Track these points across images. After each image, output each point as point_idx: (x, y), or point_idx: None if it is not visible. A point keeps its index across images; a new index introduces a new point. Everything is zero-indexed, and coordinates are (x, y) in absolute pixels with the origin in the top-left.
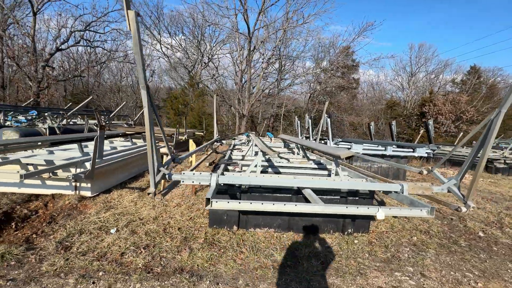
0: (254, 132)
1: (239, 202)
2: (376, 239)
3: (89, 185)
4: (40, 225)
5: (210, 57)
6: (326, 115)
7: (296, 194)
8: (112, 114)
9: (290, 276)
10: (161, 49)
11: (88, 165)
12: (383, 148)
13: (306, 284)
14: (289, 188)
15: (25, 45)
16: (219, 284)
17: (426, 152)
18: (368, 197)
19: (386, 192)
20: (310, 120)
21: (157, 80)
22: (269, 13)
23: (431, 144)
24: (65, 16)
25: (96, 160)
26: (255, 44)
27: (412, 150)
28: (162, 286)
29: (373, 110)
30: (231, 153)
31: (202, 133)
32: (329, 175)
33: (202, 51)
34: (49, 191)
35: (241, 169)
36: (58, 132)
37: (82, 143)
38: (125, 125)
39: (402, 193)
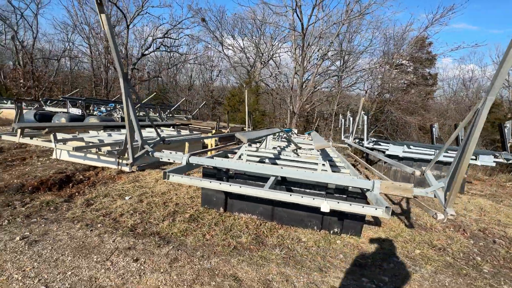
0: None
1: (190, 179)
2: (366, 244)
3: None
4: (84, 187)
5: (270, 55)
6: (362, 112)
7: (279, 184)
8: (173, 108)
9: (244, 257)
10: (223, 50)
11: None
12: (432, 152)
13: (255, 266)
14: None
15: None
16: (179, 251)
17: (494, 161)
18: (359, 197)
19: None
20: (351, 119)
21: (223, 80)
22: (326, 6)
23: (505, 152)
24: (148, 26)
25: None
26: (309, 40)
27: (474, 157)
28: (135, 243)
29: (461, 111)
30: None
31: (249, 129)
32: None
33: (262, 50)
34: (100, 164)
35: (239, 157)
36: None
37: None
38: (184, 118)
39: (372, 190)
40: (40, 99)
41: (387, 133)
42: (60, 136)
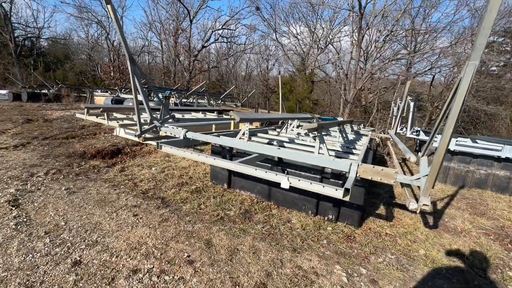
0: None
1: (177, 149)
2: (361, 236)
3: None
4: (126, 158)
5: (328, 41)
6: (409, 98)
7: (277, 165)
8: (222, 96)
9: (225, 227)
10: (277, 38)
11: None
12: (499, 148)
13: (230, 236)
14: (270, 158)
15: (184, 46)
16: (173, 214)
17: None
18: (359, 184)
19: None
20: (400, 106)
21: (281, 69)
22: None
23: None
24: (208, 19)
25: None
26: (369, 20)
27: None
28: (141, 203)
29: None
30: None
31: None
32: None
33: (318, 35)
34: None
35: (249, 138)
36: (178, 105)
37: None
38: (234, 106)
39: (348, 173)
40: (117, 88)
41: (461, 127)
42: (118, 115)
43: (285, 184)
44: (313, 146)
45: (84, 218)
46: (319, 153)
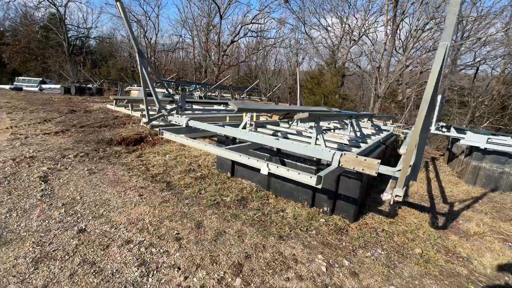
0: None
1: (175, 136)
2: (354, 230)
3: None
4: (146, 145)
5: (362, 32)
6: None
7: (276, 155)
8: (246, 90)
9: (218, 211)
10: (305, 31)
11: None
12: None
13: (221, 220)
14: (270, 149)
15: (214, 41)
16: (174, 196)
17: None
18: (353, 177)
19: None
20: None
21: (312, 63)
22: None
23: None
24: (238, 14)
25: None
26: (405, 7)
27: None
28: (148, 185)
29: None
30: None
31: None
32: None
33: (351, 27)
34: None
35: (256, 129)
36: (203, 99)
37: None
38: (258, 100)
39: (331, 162)
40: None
41: (502, 124)
42: (143, 106)
43: (264, 170)
44: (318, 139)
45: (96, 194)
46: (316, 144)
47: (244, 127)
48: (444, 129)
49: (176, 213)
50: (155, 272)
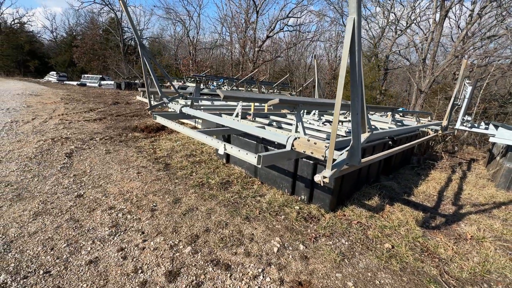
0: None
1: (167, 120)
2: (327, 220)
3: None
4: (164, 133)
5: (409, 21)
6: (466, 81)
7: (261, 142)
8: (275, 84)
9: (200, 190)
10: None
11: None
12: None
13: (199, 198)
14: (255, 136)
15: (250, 37)
16: (167, 176)
17: None
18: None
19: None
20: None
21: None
22: None
23: None
24: (274, 9)
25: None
26: None
27: None
28: (149, 165)
29: None
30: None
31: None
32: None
33: (397, 16)
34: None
35: (254, 119)
36: None
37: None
38: (288, 95)
39: (285, 147)
40: (184, 77)
41: None
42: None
43: (221, 151)
44: (298, 126)
45: (103, 170)
46: (296, 131)
47: (237, 116)
48: (469, 124)
49: (162, 189)
50: (121, 233)
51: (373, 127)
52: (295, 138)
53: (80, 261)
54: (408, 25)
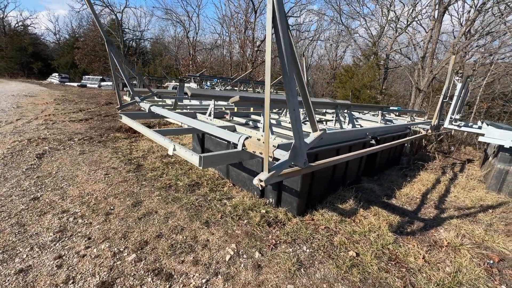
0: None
1: (131, 120)
2: (292, 224)
3: None
4: None
5: (409, 20)
6: (456, 77)
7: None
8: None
9: (165, 193)
10: (342, 21)
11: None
12: None
13: (162, 200)
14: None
15: (248, 37)
16: (136, 177)
17: None
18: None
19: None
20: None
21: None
22: None
23: None
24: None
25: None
26: None
27: None
28: (121, 166)
29: None
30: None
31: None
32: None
33: (397, 14)
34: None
35: (231, 118)
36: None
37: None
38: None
39: (236, 146)
40: (180, 77)
41: None
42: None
43: (170, 151)
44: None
45: (71, 171)
46: (264, 130)
47: (210, 114)
48: (458, 123)
49: (125, 192)
50: (66, 239)
51: (358, 126)
52: (246, 138)
53: (10, 270)
54: (408, 23)
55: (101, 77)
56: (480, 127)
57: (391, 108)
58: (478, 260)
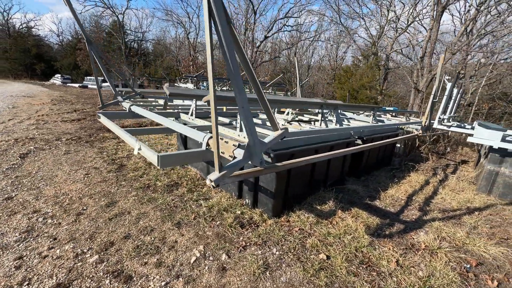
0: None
1: (109, 121)
2: (266, 225)
3: None
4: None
5: (410, 19)
6: (446, 76)
7: None
8: (268, 85)
9: (141, 193)
10: (341, 22)
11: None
12: None
13: (137, 201)
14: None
15: (248, 38)
16: (116, 177)
17: None
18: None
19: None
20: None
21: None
22: None
23: None
24: (272, 9)
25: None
26: None
27: None
28: (103, 166)
29: None
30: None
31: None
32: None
33: (397, 14)
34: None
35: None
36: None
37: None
38: (282, 95)
39: (201, 146)
40: (176, 77)
41: None
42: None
43: (135, 151)
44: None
45: (51, 170)
46: (240, 130)
47: (192, 114)
48: (450, 123)
49: (102, 192)
50: (31, 239)
51: (348, 125)
52: (211, 137)
53: None
54: (409, 23)
55: (102, 78)
56: (473, 128)
57: (387, 108)
58: (455, 264)
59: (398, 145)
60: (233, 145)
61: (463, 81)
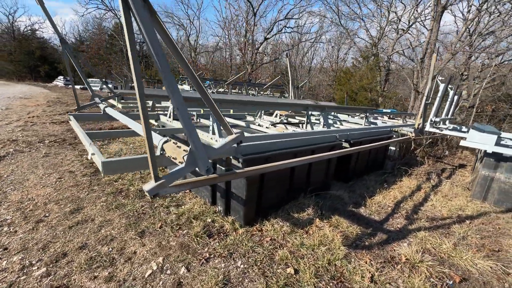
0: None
1: (76, 126)
2: (237, 234)
3: None
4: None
5: (411, 20)
6: (440, 78)
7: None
8: (265, 87)
9: (112, 198)
10: (341, 23)
11: None
12: None
13: (104, 207)
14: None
15: (247, 39)
16: (89, 182)
17: None
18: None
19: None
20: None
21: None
22: None
23: None
24: (272, 11)
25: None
26: None
27: None
28: (79, 169)
29: None
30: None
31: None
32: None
33: (397, 15)
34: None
35: (198, 120)
36: (215, 93)
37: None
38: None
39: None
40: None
41: None
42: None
43: (89, 156)
44: (214, 127)
45: (24, 174)
46: (213, 133)
47: (170, 116)
48: (442, 125)
49: (70, 197)
50: None
51: (338, 127)
52: (166, 141)
53: None
54: (410, 24)
55: (103, 80)
56: (468, 130)
57: (384, 110)
58: (436, 280)
59: (393, 148)
60: (184, 150)
61: (459, 82)
